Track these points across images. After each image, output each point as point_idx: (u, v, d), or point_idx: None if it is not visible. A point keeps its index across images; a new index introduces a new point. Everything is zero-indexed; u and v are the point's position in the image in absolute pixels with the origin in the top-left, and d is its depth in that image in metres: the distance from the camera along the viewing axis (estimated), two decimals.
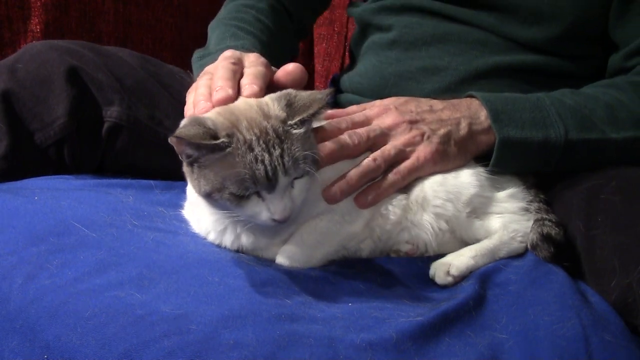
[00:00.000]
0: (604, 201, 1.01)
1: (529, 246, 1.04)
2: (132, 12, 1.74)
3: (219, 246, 1.00)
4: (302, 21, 1.52)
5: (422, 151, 1.04)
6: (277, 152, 0.87)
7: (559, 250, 1.02)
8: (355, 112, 1.08)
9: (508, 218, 1.07)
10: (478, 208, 1.06)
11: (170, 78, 1.34)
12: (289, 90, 0.95)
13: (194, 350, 0.77)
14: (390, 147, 1.03)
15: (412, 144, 1.04)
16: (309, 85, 1.97)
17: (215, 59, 1.09)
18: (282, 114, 0.90)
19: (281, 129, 0.89)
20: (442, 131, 1.06)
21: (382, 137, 1.04)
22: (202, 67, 1.15)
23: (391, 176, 1.02)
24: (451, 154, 1.06)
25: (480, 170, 1.07)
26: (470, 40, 1.26)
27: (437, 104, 1.11)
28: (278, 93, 0.95)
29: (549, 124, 1.09)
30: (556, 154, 1.10)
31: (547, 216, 1.06)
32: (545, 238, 1.02)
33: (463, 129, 1.08)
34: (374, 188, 1.01)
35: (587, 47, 1.26)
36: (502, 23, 1.25)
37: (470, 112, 1.10)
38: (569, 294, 0.92)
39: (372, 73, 1.34)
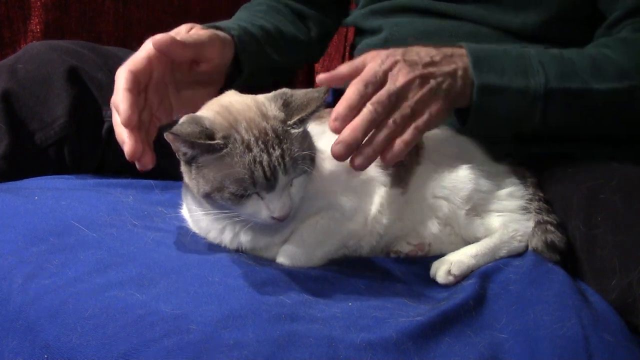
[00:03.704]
0: (604, 201, 1.01)
1: (531, 250, 1.04)
2: (132, 12, 1.74)
3: (218, 245, 1.00)
4: (322, 23, 1.51)
5: (433, 109, 1.02)
6: (277, 152, 0.87)
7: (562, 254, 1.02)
8: (353, 72, 1.04)
9: (508, 217, 1.07)
10: (478, 205, 1.06)
11: None
12: (284, 90, 0.95)
13: (194, 350, 0.77)
14: (407, 107, 1.00)
15: (424, 101, 1.02)
16: (309, 85, 1.97)
17: None
18: (281, 115, 0.90)
19: (280, 129, 0.89)
20: (445, 85, 1.05)
21: (401, 99, 1.01)
22: None
23: (413, 131, 1.00)
24: (450, 107, 1.06)
25: (477, 165, 1.07)
26: (460, 34, 1.27)
27: (436, 54, 1.07)
28: (273, 93, 0.95)
29: (530, 73, 1.09)
30: (537, 104, 1.09)
31: (547, 218, 1.06)
32: (550, 246, 1.03)
33: (458, 80, 1.06)
34: (400, 144, 0.99)
35: (580, 30, 1.26)
36: (490, 13, 1.26)
37: (462, 63, 1.08)
38: (568, 294, 0.92)
39: None
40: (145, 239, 0.97)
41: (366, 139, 0.97)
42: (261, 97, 0.95)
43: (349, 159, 0.96)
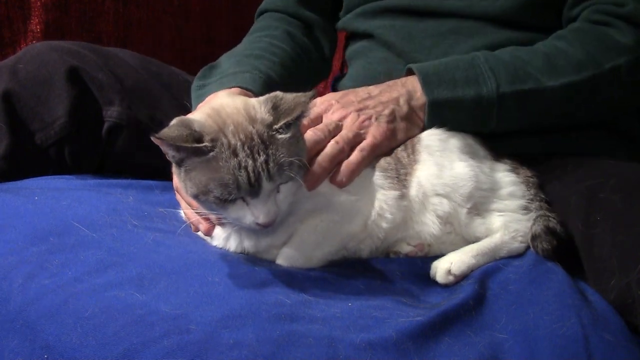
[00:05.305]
0: (603, 200, 1.01)
1: (529, 237, 1.04)
2: (132, 12, 1.74)
3: (221, 249, 1.01)
4: (329, 31, 1.52)
5: (375, 131, 1.07)
6: (261, 158, 0.87)
7: (559, 247, 1.02)
8: None
9: (509, 217, 1.07)
10: (479, 204, 1.06)
11: (172, 79, 1.34)
12: (276, 93, 0.95)
13: (194, 350, 0.77)
14: (347, 132, 1.06)
15: (365, 127, 1.08)
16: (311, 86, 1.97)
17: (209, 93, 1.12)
18: (269, 118, 0.90)
19: (266, 134, 0.89)
20: (386, 111, 1.10)
21: (338, 129, 1.07)
22: (200, 98, 1.15)
23: (357, 153, 1.04)
24: (401, 129, 1.10)
25: (478, 163, 1.08)
26: (442, 30, 1.28)
27: (373, 89, 1.14)
28: (266, 95, 0.95)
29: (481, 81, 1.11)
30: (492, 110, 1.12)
31: (550, 214, 1.06)
32: (551, 231, 1.03)
33: (403, 105, 1.11)
34: (344, 166, 1.03)
35: (558, 14, 1.27)
36: (470, 3, 1.27)
37: (406, 89, 1.13)
38: (568, 293, 0.92)
39: (362, 76, 1.35)
40: (145, 239, 0.97)
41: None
42: (253, 100, 0.95)
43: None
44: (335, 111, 1.09)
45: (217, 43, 1.94)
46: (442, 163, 1.06)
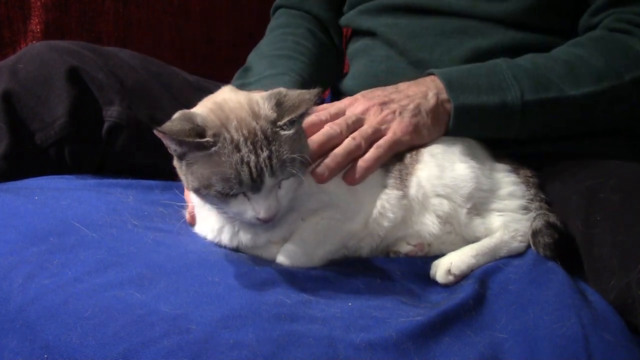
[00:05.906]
0: (603, 200, 1.01)
1: (530, 235, 1.04)
2: (132, 12, 1.74)
3: (218, 245, 1.00)
4: (337, 28, 1.52)
5: (397, 126, 1.07)
6: (264, 153, 0.87)
7: (560, 244, 1.02)
8: (327, 107, 1.11)
9: (509, 217, 1.07)
10: (479, 204, 1.07)
11: (172, 79, 1.34)
12: (280, 89, 0.95)
13: (194, 350, 0.78)
14: (366, 127, 1.06)
15: (386, 122, 1.07)
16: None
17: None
18: (272, 114, 0.90)
19: (270, 130, 0.89)
20: (411, 105, 1.09)
21: (359, 123, 1.07)
22: None
23: (374, 150, 1.04)
24: (425, 124, 1.09)
25: (478, 164, 1.08)
26: (447, 29, 1.28)
27: (402, 84, 1.14)
28: (269, 91, 0.95)
29: (505, 88, 1.11)
30: (515, 117, 1.12)
31: (550, 213, 1.06)
32: (551, 225, 1.03)
33: (431, 98, 1.11)
34: (359, 163, 1.03)
35: (566, 18, 1.26)
36: (475, 3, 1.26)
37: (435, 84, 1.13)
38: (568, 293, 0.92)
39: (364, 74, 1.35)
40: (145, 239, 0.97)
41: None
42: (256, 96, 0.95)
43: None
44: (359, 104, 1.09)
45: (217, 43, 1.94)
46: (443, 165, 1.06)
